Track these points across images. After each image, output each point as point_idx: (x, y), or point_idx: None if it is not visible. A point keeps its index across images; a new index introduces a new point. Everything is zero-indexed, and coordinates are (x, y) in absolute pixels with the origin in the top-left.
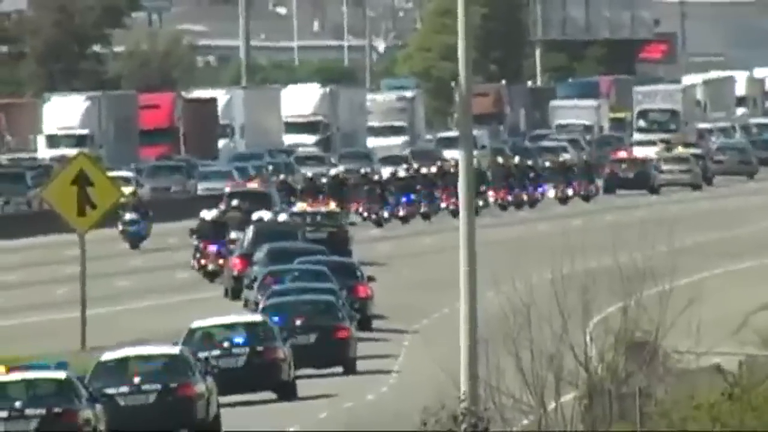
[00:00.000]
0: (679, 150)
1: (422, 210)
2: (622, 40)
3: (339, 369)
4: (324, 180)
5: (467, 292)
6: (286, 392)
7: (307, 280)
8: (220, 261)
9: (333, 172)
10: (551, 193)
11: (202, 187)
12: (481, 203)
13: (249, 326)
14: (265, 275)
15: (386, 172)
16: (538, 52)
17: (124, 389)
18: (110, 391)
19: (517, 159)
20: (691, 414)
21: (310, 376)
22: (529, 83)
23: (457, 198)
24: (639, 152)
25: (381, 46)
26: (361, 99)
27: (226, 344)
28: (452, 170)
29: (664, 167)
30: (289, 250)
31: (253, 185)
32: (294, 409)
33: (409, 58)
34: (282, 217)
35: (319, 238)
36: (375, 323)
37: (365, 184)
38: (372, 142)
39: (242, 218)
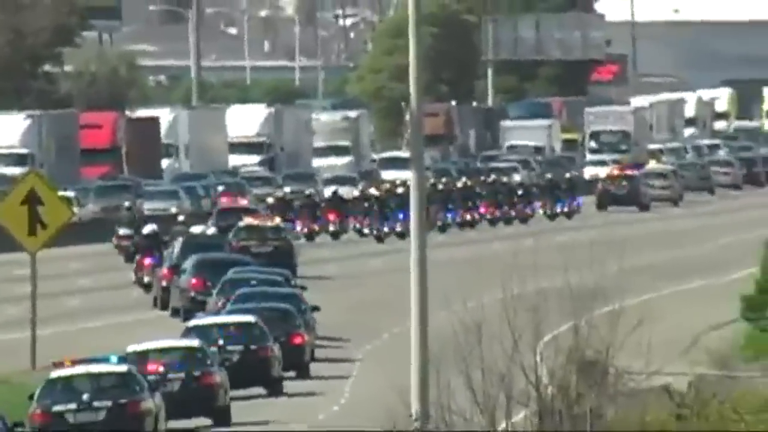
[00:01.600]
0: (654, 165)
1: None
2: (574, 61)
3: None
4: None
5: (418, 312)
6: (275, 389)
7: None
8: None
9: (332, 188)
10: (540, 209)
11: (148, 207)
12: (468, 218)
13: (244, 326)
14: (224, 282)
15: (328, 192)
16: (489, 73)
17: (150, 378)
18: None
19: (504, 178)
20: None
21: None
22: (476, 104)
23: (385, 220)
24: (589, 173)
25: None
26: (306, 119)
27: (221, 341)
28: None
29: (648, 183)
30: (216, 261)
31: (243, 202)
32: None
33: (360, 79)
34: (211, 230)
35: (265, 251)
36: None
37: (364, 200)
38: (316, 162)
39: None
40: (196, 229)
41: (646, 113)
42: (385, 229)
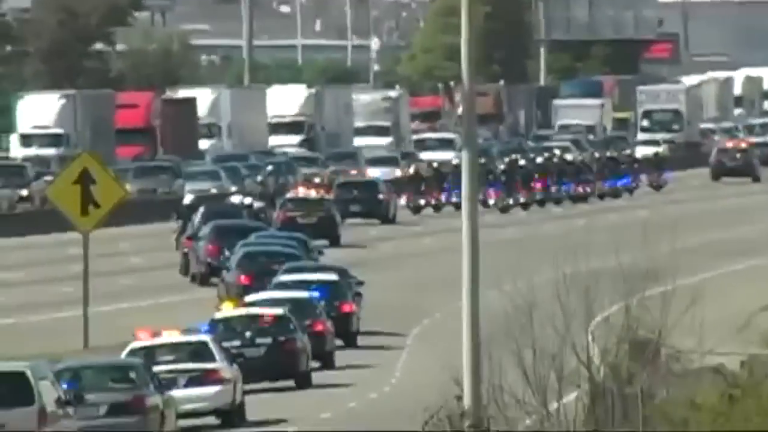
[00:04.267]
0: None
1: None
2: (626, 40)
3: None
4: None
5: (470, 291)
6: (352, 343)
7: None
8: None
9: (455, 161)
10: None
11: (189, 188)
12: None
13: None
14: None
15: (375, 172)
16: (542, 52)
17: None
18: None
19: (598, 154)
20: (691, 415)
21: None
22: (527, 83)
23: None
24: (641, 152)
25: (375, 43)
26: (347, 99)
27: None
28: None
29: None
30: (231, 227)
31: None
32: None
33: (412, 58)
34: (248, 200)
35: (310, 222)
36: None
37: (488, 173)
38: (357, 142)
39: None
40: (235, 199)
41: (699, 92)
42: (511, 201)
